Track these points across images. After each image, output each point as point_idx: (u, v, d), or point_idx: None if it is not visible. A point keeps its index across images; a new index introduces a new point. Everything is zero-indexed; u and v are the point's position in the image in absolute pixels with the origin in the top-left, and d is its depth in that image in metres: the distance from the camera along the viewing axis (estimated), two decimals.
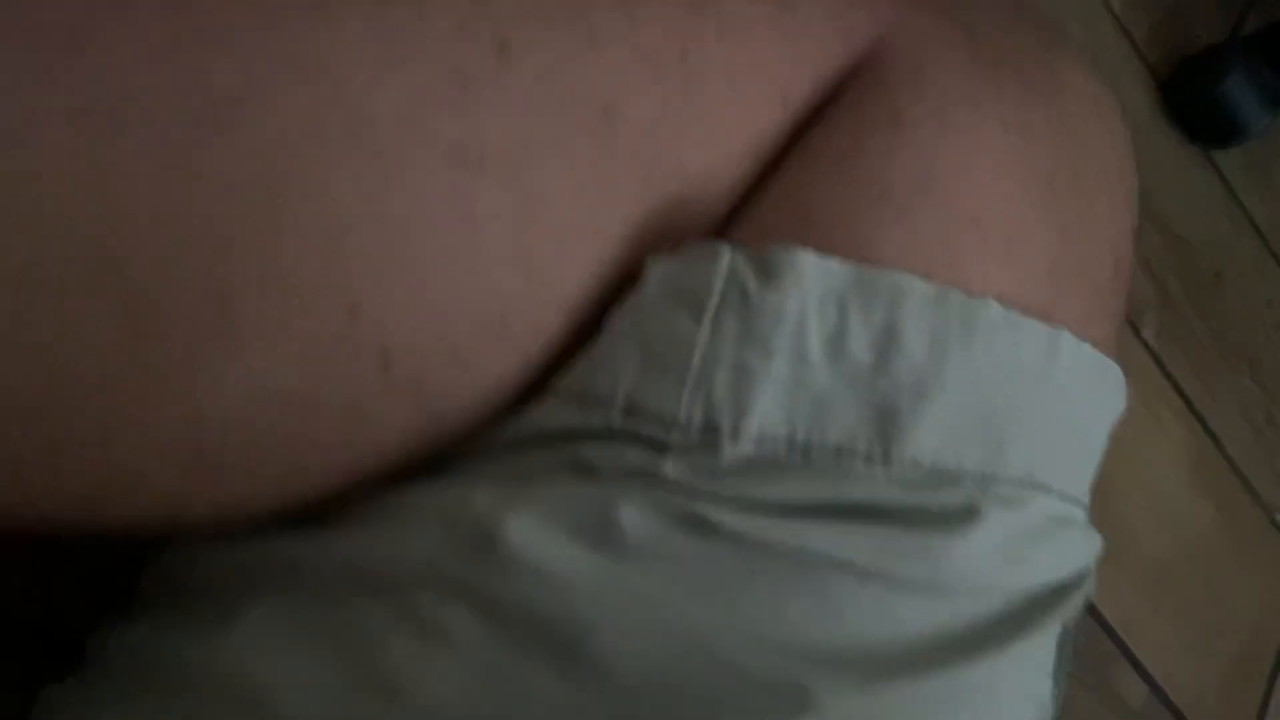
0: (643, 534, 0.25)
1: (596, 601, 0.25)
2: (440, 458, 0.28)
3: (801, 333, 0.26)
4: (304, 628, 0.26)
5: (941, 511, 0.27)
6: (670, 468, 0.26)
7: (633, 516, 0.25)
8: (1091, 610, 0.75)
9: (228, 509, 0.26)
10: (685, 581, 0.25)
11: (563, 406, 0.27)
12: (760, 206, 0.29)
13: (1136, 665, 0.76)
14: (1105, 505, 0.32)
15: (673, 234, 0.28)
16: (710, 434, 0.26)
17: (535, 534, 0.25)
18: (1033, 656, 0.30)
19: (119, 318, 0.21)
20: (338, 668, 0.25)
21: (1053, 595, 0.29)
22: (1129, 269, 0.35)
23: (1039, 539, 0.29)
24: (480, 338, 0.25)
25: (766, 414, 0.26)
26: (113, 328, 0.21)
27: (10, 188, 0.20)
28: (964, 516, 0.27)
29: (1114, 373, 0.31)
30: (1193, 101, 0.99)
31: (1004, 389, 0.28)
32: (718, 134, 0.28)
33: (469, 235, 0.24)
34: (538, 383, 0.27)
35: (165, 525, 0.26)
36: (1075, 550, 0.30)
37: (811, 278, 0.26)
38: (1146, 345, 0.88)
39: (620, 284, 0.27)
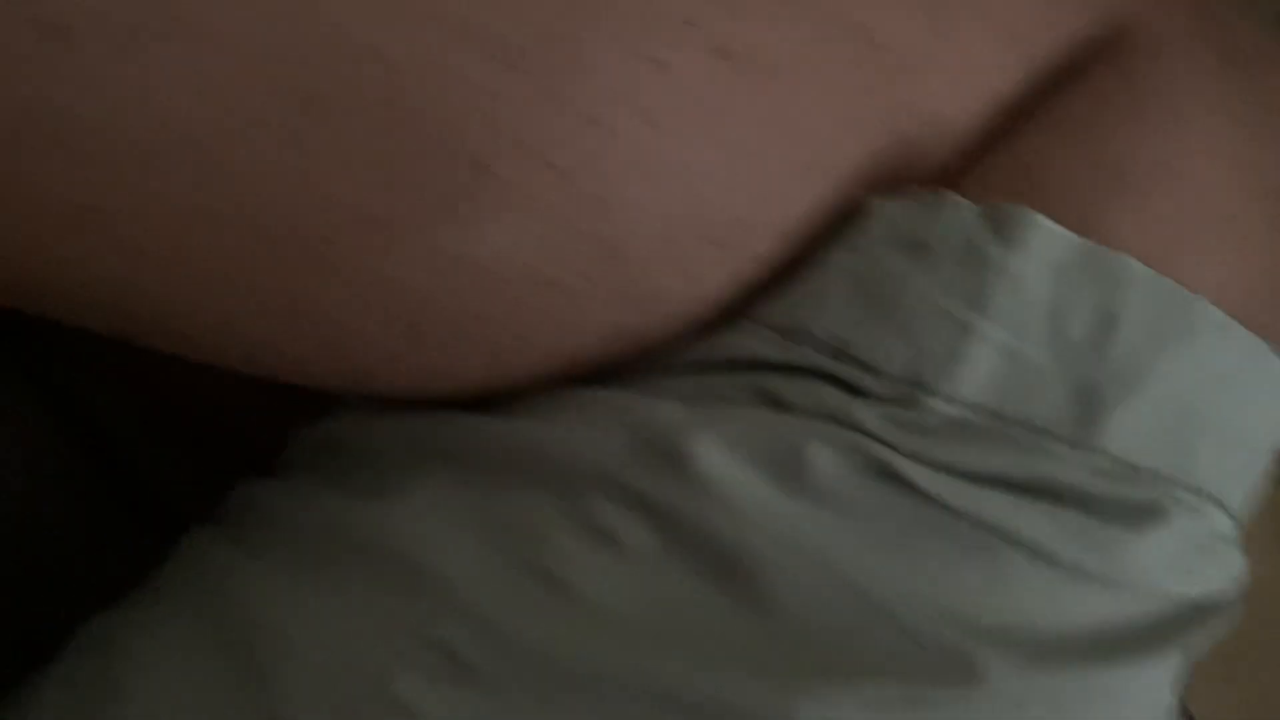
0: (831, 475, 0.25)
1: (774, 535, 0.25)
2: (618, 370, 0.27)
3: (1024, 299, 0.25)
4: (469, 509, 0.26)
5: (1129, 506, 0.26)
6: (865, 415, 0.25)
7: (824, 456, 0.25)
8: None
9: (421, 382, 0.25)
10: (866, 531, 0.25)
11: (761, 335, 0.26)
12: (988, 164, 0.28)
13: None
14: None
15: (898, 176, 0.27)
16: (914, 387, 0.25)
17: (723, 458, 0.25)
18: (1171, 668, 0.30)
19: (383, 162, 0.21)
20: (498, 552, 0.25)
21: (1203, 611, 0.28)
22: None
23: (1205, 552, 0.28)
24: (703, 251, 0.25)
25: (974, 377, 0.25)
26: (376, 170, 0.21)
27: (306, 5, 0.19)
28: (1149, 515, 0.26)
29: None
30: None
31: (1204, 393, 0.27)
32: (961, 83, 0.27)
33: (719, 143, 0.24)
34: (734, 307, 0.27)
35: (355, 387, 0.25)
36: (1228, 571, 0.29)
37: (1044, 244, 0.25)
38: None
39: (836, 219, 0.27)
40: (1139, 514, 0.26)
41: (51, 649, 0.29)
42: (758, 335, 0.26)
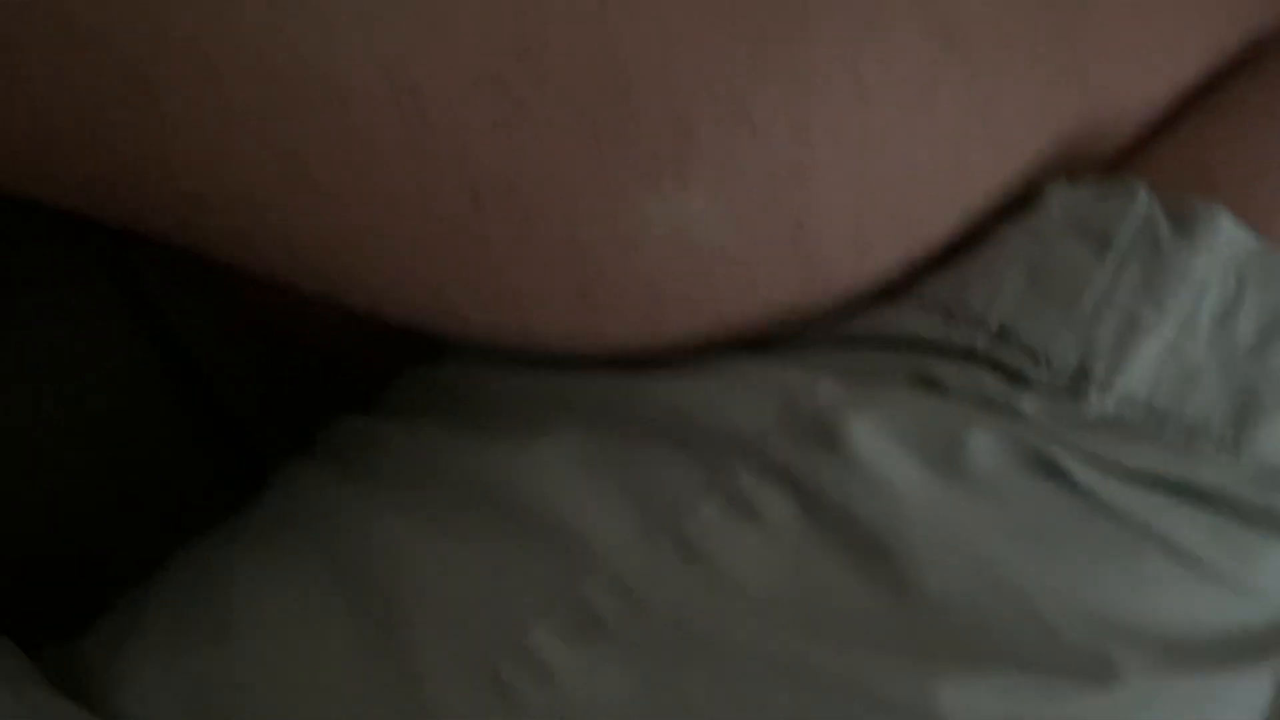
0: (988, 464, 0.24)
1: (922, 521, 0.24)
2: (774, 338, 0.26)
3: (1199, 297, 0.25)
4: (607, 466, 0.25)
5: (1272, 514, 0.26)
6: (1027, 404, 0.24)
7: (983, 444, 0.24)
8: None
9: (573, 342, 0.24)
10: (1016, 520, 0.24)
11: (924, 314, 0.25)
12: (1164, 152, 0.27)
13: None
14: None
15: (1076, 161, 0.26)
16: (1079, 380, 0.24)
17: (877, 439, 0.24)
18: (1277, 671, 0.30)
19: (592, 121, 0.20)
20: (638, 514, 0.24)
21: None
22: None
23: None
24: (885, 225, 0.24)
25: (1140, 374, 0.25)
26: (584, 131, 0.20)
27: None
28: None
29: None
30: None
31: None
32: (1153, 69, 0.26)
33: (922, 119, 0.23)
34: (900, 284, 0.26)
35: (502, 340, 0.24)
36: None
37: (1226, 244, 0.24)
38: None
39: (1015, 203, 0.26)
40: None
41: (129, 559, 0.29)
42: (921, 314, 0.25)
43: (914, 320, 0.25)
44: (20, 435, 0.31)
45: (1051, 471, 0.24)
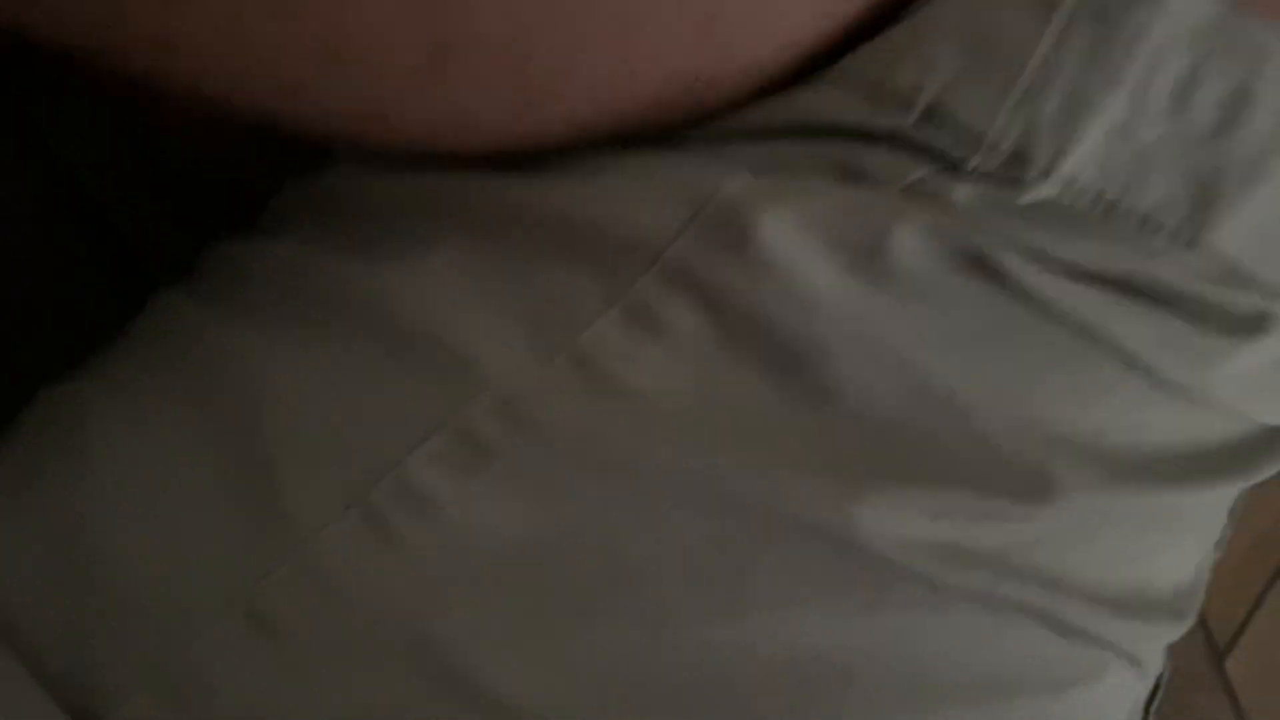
0: (913, 264, 0.22)
1: (840, 326, 0.22)
2: (676, 132, 0.23)
3: (1153, 70, 0.22)
4: (493, 279, 0.22)
5: (1233, 315, 0.23)
6: (960, 193, 0.22)
7: (907, 241, 0.21)
8: None
9: (438, 129, 0.21)
10: (948, 326, 0.22)
11: (843, 96, 0.22)
12: None
13: None
14: None
15: None
16: (1017, 164, 0.22)
17: (791, 239, 0.21)
18: (1231, 496, 0.28)
19: None
20: (528, 330, 0.22)
21: (1276, 438, 0.26)
22: None
23: None
24: None
25: (1086, 157, 0.22)
26: None
27: None
28: (1252, 326, 0.24)
29: None
30: None
31: None
32: None
33: None
34: (816, 65, 0.23)
35: (359, 133, 0.21)
36: None
37: (1183, 5, 0.21)
38: None
39: None
40: (1240, 324, 0.24)
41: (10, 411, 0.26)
42: (839, 94, 0.22)
43: (833, 102, 0.22)
44: None
45: (986, 269, 0.22)
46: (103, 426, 0.23)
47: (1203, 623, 0.77)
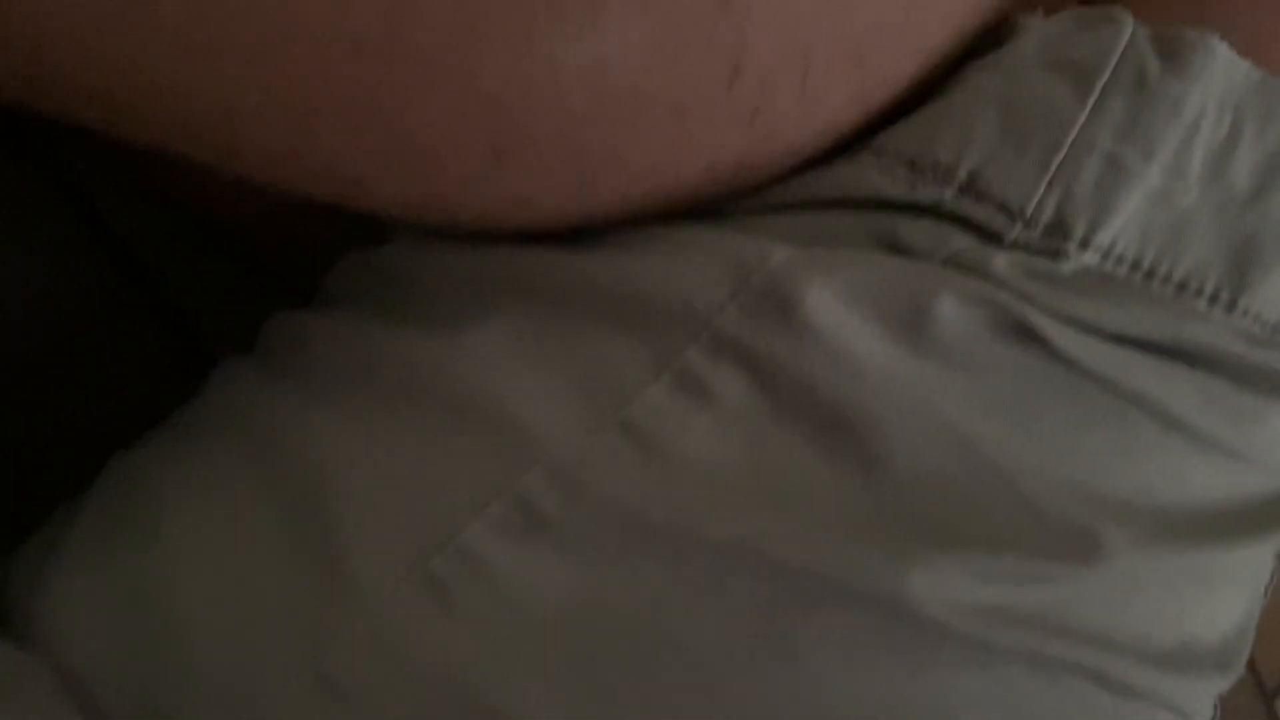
0: (958, 331, 0.22)
1: (888, 394, 0.22)
2: (721, 206, 0.24)
3: (1189, 139, 0.22)
4: (547, 350, 0.23)
5: (1274, 375, 0.24)
6: (1001, 264, 0.22)
7: (951, 310, 0.22)
8: None
9: (498, 211, 0.22)
10: (992, 393, 0.22)
11: (886, 169, 0.23)
12: None
13: None
14: None
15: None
16: (1057, 235, 0.22)
17: (837, 308, 0.22)
18: (1275, 547, 0.28)
19: None
20: (580, 400, 0.23)
21: None
22: None
23: None
24: (831, 66, 0.21)
25: (1124, 226, 0.22)
26: None
27: None
28: None
29: None
30: None
31: None
32: None
33: None
34: (857, 140, 0.23)
35: (425, 215, 0.22)
36: None
37: (1219, 74, 0.22)
38: None
39: (982, 40, 0.23)
40: None
41: (70, 464, 0.27)
42: (881, 168, 0.23)
43: (873, 176, 0.23)
44: None
45: (1027, 336, 0.22)
46: (176, 494, 0.24)
47: (1252, 665, 0.76)
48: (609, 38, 0.19)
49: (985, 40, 0.24)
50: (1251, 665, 0.76)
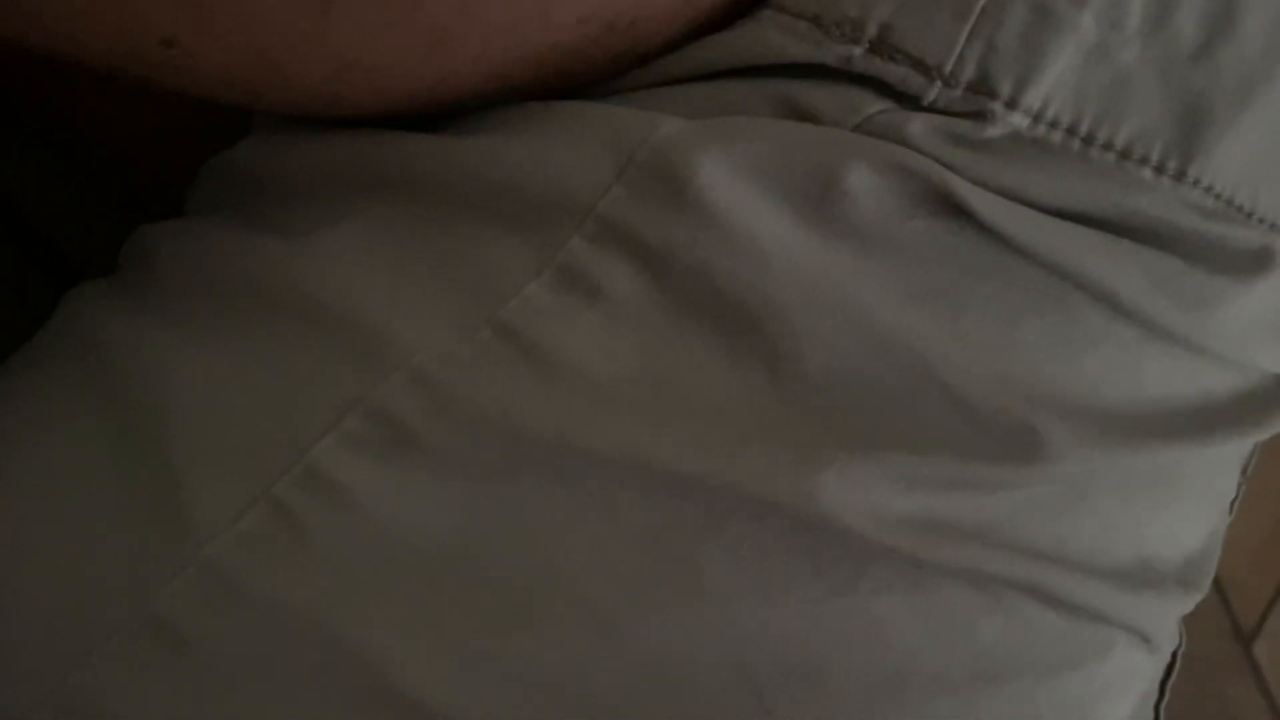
0: (872, 207, 0.20)
1: (794, 282, 0.19)
2: (603, 78, 0.21)
3: None
4: (415, 246, 0.20)
5: (1232, 252, 0.21)
6: (919, 128, 0.20)
7: (863, 182, 0.19)
8: None
9: (338, 86, 0.19)
10: (911, 275, 0.20)
11: (788, 28, 0.20)
12: None
13: None
14: None
15: None
16: (980, 94, 0.20)
17: (735, 185, 0.19)
18: (1242, 454, 0.26)
19: None
20: (450, 301, 0.20)
21: None
22: None
23: None
24: None
25: (1056, 85, 0.20)
26: None
27: None
28: (1253, 264, 0.22)
29: None
30: None
31: None
32: None
33: None
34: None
35: (257, 93, 0.19)
36: None
37: None
38: None
39: None
40: (1240, 262, 0.21)
41: None
42: (783, 26, 0.20)
43: (775, 35, 0.20)
44: None
45: (951, 210, 0.20)
46: (16, 430, 0.21)
47: (1227, 606, 0.74)
48: None
49: None
50: (1228, 610, 0.75)
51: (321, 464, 0.19)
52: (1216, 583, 0.74)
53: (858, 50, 0.20)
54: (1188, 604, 0.24)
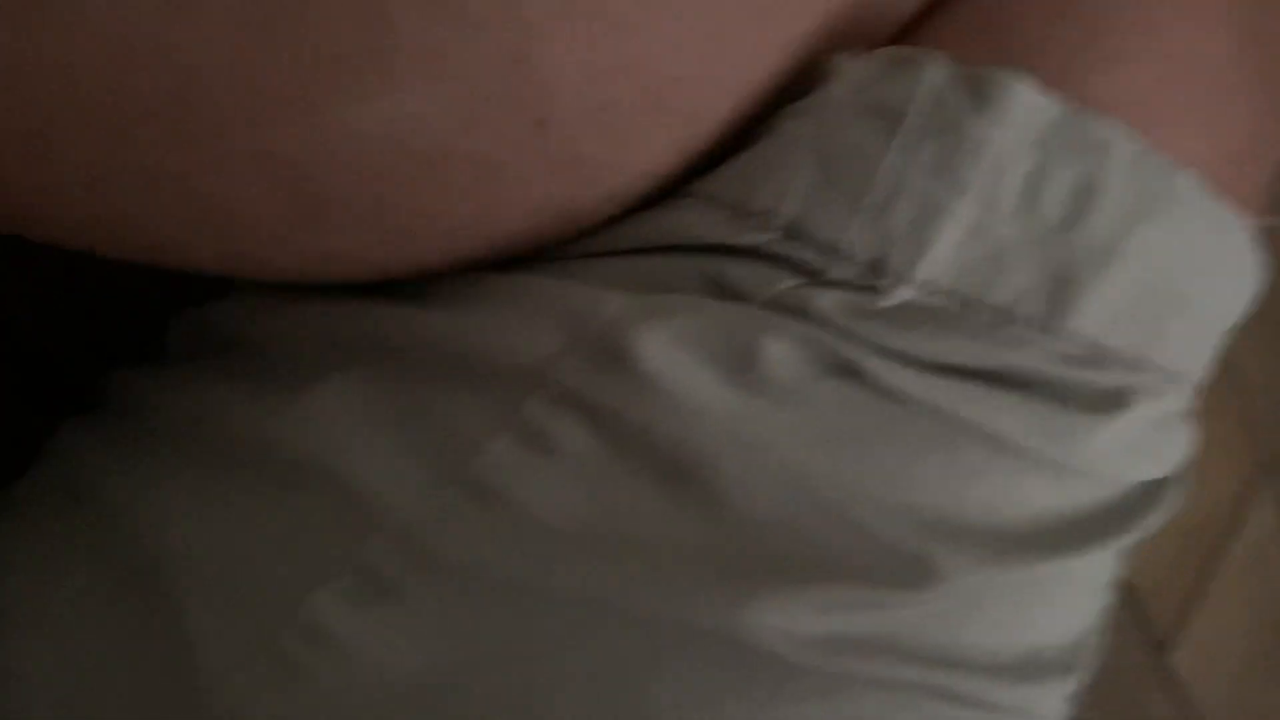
0: (785, 372, 0.23)
1: (723, 435, 0.23)
2: (556, 253, 0.24)
3: (999, 173, 0.23)
4: (385, 412, 0.23)
5: (1096, 392, 0.25)
6: (825, 302, 0.23)
7: (777, 351, 0.23)
8: None
9: (316, 267, 0.22)
10: (821, 427, 0.23)
11: (710, 214, 0.23)
12: (954, 18, 0.25)
13: None
14: None
15: (860, 31, 0.24)
16: (875, 272, 0.23)
17: (669, 355, 0.22)
18: (1119, 550, 0.29)
19: (263, 19, 0.17)
20: (422, 462, 0.23)
21: (1157, 492, 0.27)
22: None
23: (1163, 432, 0.27)
24: (640, 114, 0.22)
25: (940, 260, 0.23)
26: (251, 30, 0.17)
27: None
28: (1114, 401, 0.25)
29: (1260, 273, 0.29)
30: None
31: (1178, 270, 0.25)
32: None
33: None
34: (678, 180, 0.24)
35: (243, 272, 0.22)
36: (1181, 448, 0.28)
37: (1026, 113, 0.23)
38: None
39: (794, 81, 0.24)
40: (1105, 401, 0.25)
41: None
42: (705, 213, 0.23)
43: (698, 220, 0.23)
44: None
45: (847, 372, 0.23)
46: (19, 581, 0.24)
47: (1145, 619, 0.79)
48: (403, 100, 0.19)
49: (801, 81, 0.24)
50: (1144, 620, 0.79)
51: (316, 617, 0.22)
52: (1133, 593, 0.79)
53: (770, 236, 0.23)
54: (1072, 683, 0.28)
